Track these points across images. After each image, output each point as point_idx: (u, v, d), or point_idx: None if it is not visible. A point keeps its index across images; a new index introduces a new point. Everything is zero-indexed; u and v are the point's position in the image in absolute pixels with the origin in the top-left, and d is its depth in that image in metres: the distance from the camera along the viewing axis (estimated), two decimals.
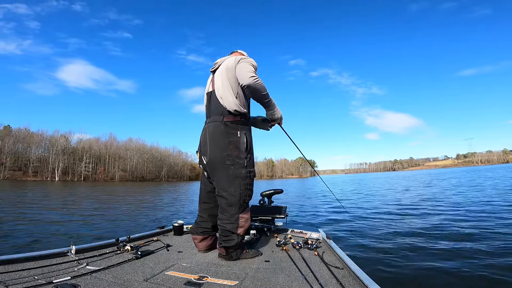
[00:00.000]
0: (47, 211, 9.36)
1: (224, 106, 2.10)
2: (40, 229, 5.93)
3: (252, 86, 2.01)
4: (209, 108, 2.24)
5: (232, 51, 2.44)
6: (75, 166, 78.41)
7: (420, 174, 53.96)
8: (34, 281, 1.47)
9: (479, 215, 6.53)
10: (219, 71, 2.19)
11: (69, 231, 5.79)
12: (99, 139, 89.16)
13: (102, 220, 7.45)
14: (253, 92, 2.06)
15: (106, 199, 15.13)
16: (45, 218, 7.63)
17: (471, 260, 3.45)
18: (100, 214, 8.75)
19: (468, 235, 4.70)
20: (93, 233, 5.61)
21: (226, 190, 2.06)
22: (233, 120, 2.10)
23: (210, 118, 2.18)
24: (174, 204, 12.41)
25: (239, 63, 2.08)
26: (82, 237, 5.31)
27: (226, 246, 2.05)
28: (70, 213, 8.99)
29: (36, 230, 5.74)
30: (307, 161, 3.85)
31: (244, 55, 2.31)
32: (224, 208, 2.09)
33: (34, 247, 4.38)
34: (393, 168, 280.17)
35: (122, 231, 5.87)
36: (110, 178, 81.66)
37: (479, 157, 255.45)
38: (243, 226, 2.08)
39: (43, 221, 7.01)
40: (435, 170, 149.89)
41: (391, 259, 3.64)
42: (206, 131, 2.17)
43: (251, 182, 2.15)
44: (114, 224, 6.89)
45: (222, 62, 2.23)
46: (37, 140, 75.66)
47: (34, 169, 72.18)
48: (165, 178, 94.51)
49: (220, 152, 2.06)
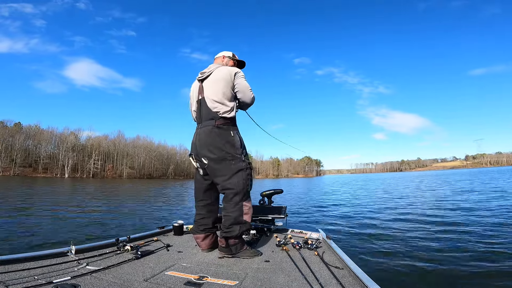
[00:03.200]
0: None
1: (215, 112, 2.29)
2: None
3: (251, 104, 2.47)
4: (199, 113, 2.39)
5: (216, 56, 2.63)
6: (84, 163, 79.69)
7: (425, 176, 53.12)
8: (34, 281, 1.47)
9: (480, 215, 6.55)
10: (212, 80, 2.36)
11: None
12: (108, 137, 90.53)
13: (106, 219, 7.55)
14: (247, 106, 2.51)
15: (118, 198, 15.31)
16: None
17: (471, 260, 3.45)
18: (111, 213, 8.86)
19: (468, 235, 4.70)
20: (94, 233, 5.68)
21: (231, 182, 2.22)
22: (224, 123, 2.29)
23: (203, 123, 2.34)
24: (178, 203, 12.52)
25: (238, 78, 2.36)
26: (81, 237, 5.36)
27: (226, 236, 2.14)
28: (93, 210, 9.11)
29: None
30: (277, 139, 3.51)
31: (230, 56, 2.60)
32: (229, 197, 2.23)
33: (34, 247, 4.42)
34: (400, 169, 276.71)
35: (122, 231, 5.93)
36: (118, 175, 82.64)
37: (488, 158, 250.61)
38: (248, 213, 2.24)
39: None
40: (443, 171, 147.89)
41: (391, 259, 3.64)
42: (200, 135, 2.33)
43: (250, 172, 2.34)
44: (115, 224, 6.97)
45: (211, 72, 2.39)
46: (47, 137, 77.14)
47: (44, 165, 73.63)
48: (172, 175, 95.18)
49: (219, 151, 2.23)
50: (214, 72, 2.38)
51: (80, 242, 2.24)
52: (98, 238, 4.72)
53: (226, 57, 2.59)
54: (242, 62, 2.69)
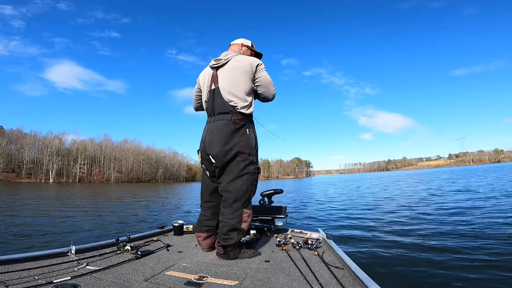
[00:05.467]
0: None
1: (233, 105, 2.09)
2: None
3: (272, 100, 2.31)
4: (212, 105, 2.19)
5: (233, 42, 2.40)
6: (70, 167, 77.52)
7: (414, 175, 54.26)
8: (34, 281, 1.46)
9: (481, 215, 6.58)
10: (229, 69, 2.15)
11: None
12: (94, 140, 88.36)
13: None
14: (267, 101, 2.34)
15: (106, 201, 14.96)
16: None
17: (472, 261, 3.45)
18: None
19: (468, 235, 4.72)
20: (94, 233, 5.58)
21: (234, 185, 2.07)
22: (241, 119, 2.10)
23: (216, 116, 2.15)
24: (173, 205, 12.36)
25: (260, 71, 2.17)
26: (81, 237, 5.27)
27: (224, 244, 2.03)
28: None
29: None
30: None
31: (248, 46, 2.38)
32: (229, 203, 2.09)
33: (34, 247, 4.35)
34: (386, 168, 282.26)
35: (122, 231, 5.83)
36: (105, 179, 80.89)
37: (470, 156, 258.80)
38: (246, 221, 2.10)
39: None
40: (428, 169, 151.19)
41: (391, 259, 3.63)
42: (211, 130, 2.13)
43: (257, 178, 2.18)
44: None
45: (228, 59, 2.17)
46: (30, 142, 74.57)
47: (28, 170, 71.18)
48: (161, 179, 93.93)
49: (230, 150, 2.05)
50: (231, 60, 2.15)
51: (80, 242, 2.21)
52: (98, 238, 4.61)
53: (244, 45, 2.35)
54: (260, 54, 2.45)
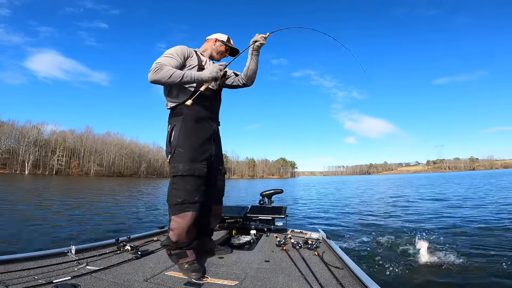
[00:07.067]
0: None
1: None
2: None
3: (153, 79, 1.82)
4: None
5: (208, 37, 2.30)
6: (47, 159, 74.46)
7: (394, 179, 55.93)
8: (34, 281, 1.45)
9: (480, 215, 6.82)
10: None
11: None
12: (74, 132, 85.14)
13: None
14: (160, 84, 1.91)
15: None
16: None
17: (472, 261, 3.52)
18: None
19: (468, 234, 4.87)
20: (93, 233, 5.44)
21: None
22: (170, 114, 2.08)
23: None
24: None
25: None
26: (81, 237, 5.16)
27: (162, 244, 2.02)
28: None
29: None
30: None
31: (223, 41, 2.25)
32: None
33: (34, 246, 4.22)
34: (368, 172, 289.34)
35: (122, 231, 5.71)
36: (85, 172, 78.13)
37: (447, 163, 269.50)
38: (173, 230, 1.86)
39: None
40: (406, 175, 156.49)
41: (391, 259, 3.68)
42: None
43: (177, 180, 1.87)
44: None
45: None
46: (6, 130, 70.85)
47: (3, 161, 67.80)
48: (144, 174, 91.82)
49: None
50: None
51: (80, 242, 2.20)
52: (98, 238, 4.47)
53: (219, 40, 2.24)
54: (236, 50, 2.31)
